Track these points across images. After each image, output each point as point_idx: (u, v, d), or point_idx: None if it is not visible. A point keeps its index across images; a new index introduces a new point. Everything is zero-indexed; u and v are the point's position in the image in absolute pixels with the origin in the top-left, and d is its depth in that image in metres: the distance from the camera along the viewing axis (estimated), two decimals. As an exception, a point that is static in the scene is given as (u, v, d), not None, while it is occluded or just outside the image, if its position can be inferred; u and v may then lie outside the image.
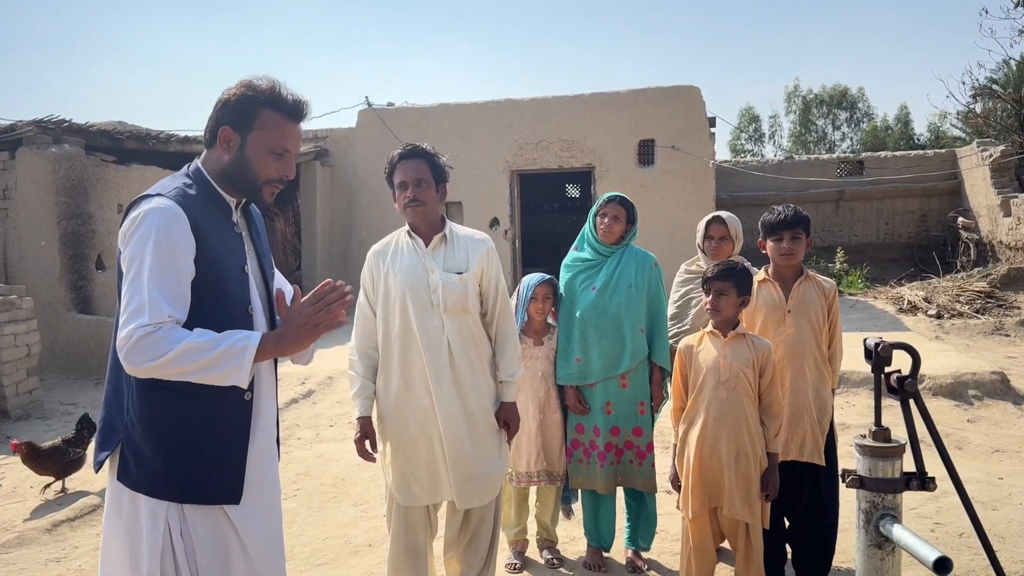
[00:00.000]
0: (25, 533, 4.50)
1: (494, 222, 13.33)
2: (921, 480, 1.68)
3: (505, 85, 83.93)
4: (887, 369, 1.74)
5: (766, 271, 3.57)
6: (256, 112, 2.09)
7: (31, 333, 7.26)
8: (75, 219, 8.96)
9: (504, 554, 3.95)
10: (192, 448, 2.01)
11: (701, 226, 4.00)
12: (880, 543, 1.67)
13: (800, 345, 3.40)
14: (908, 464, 1.85)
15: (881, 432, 1.71)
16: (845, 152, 30.72)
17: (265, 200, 2.19)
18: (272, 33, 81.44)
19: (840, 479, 1.76)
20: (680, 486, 3.32)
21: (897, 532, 1.61)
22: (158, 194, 2.00)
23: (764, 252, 3.58)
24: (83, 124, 9.28)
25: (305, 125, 2.25)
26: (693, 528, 3.28)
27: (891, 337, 7.70)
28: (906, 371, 1.90)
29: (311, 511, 4.88)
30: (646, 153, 13.11)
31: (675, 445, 3.39)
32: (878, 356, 1.68)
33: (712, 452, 3.18)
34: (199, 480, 2.02)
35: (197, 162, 2.16)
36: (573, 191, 20.70)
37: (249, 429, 2.10)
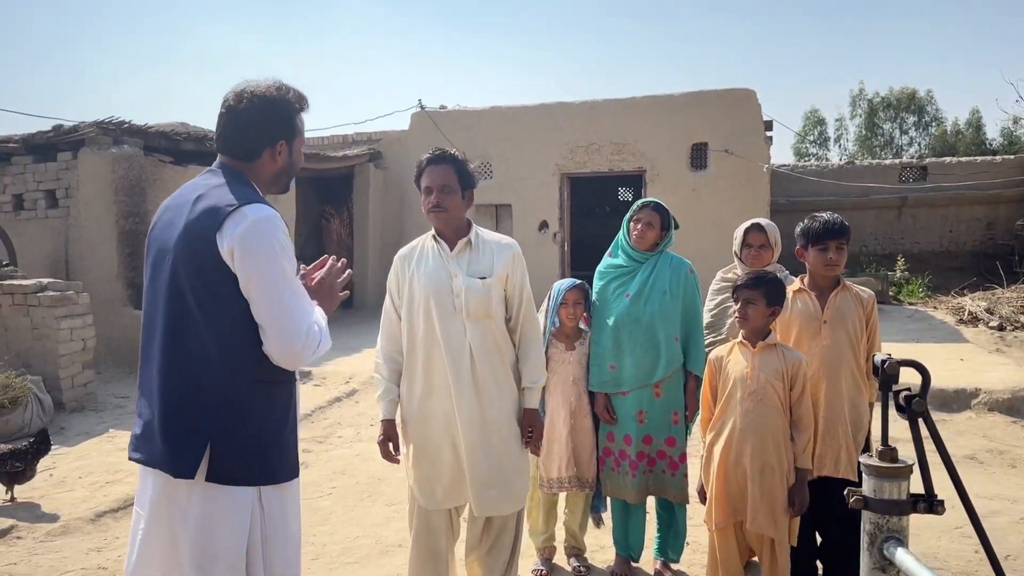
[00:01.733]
0: (70, 523, 4.65)
1: (543, 225, 13.32)
2: (929, 503, 1.61)
3: (556, 88, 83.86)
4: (896, 387, 1.67)
5: (802, 280, 3.47)
6: (295, 120, 2.26)
7: (87, 328, 7.49)
8: (133, 218, 9.23)
9: (531, 560, 3.93)
10: (280, 431, 2.16)
11: (739, 233, 3.92)
12: (884, 567, 1.61)
13: (836, 357, 3.30)
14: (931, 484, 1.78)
15: (888, 452, 1.64)
16: (912, 157, 29.88)
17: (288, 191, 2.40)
18: (328, 36, 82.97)
19: (845, 498, 1.69)
20: (707, 497, 3.27)
21: (900, 556, 1.54)
22: (256, 201, 2.09)
23: (802, 261, 3.48)
24: (142, 125, 9.55)
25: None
26: (719, 541, 3.22)
27: (949, 350, 7.48)
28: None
29: (345, 509, 4.93)
30: (699, 157, 12.94)
31: (703, 455, 3.34)
32: (884, 374, 1.61)
33: (736, 464, 3.12)
34: (284, 459, 2.17)
35: (244, 175, 2.22)
36: (625, 194, 20.55)
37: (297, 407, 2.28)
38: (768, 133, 13.36)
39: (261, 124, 2.18)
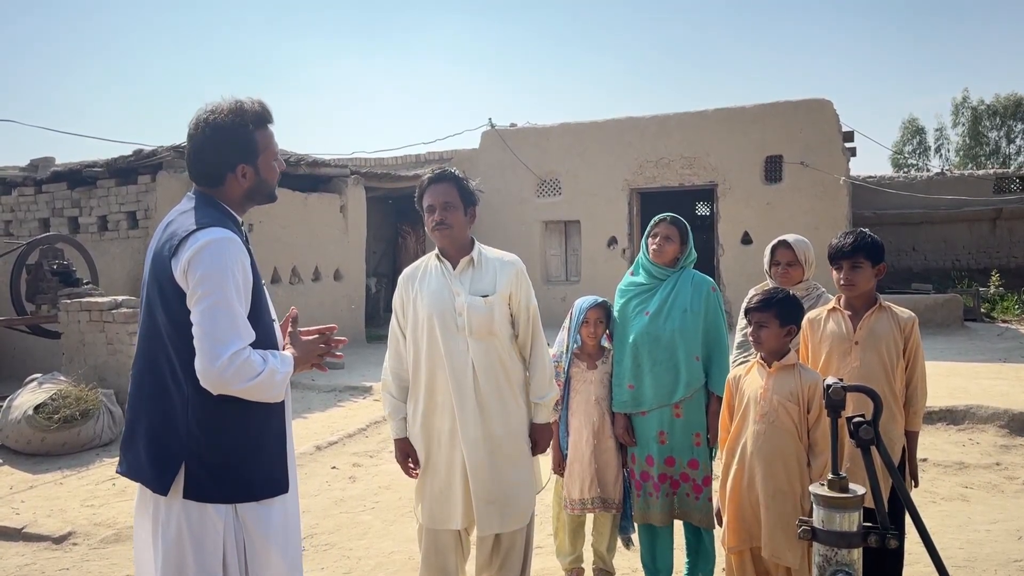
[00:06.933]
0: (122, 531, 4.84)
1: (612, 241, 13.21)
2: (881, 535, 1.51)
3: (626, 103, 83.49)
4: (850, 413, 1.58)
5: (838, 300, 3.34)
6: (253, 140, 2.24)
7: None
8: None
9: (557, 581, 3.89)
10: (256, 448, 2.18)
11: (767, 251, 3.81)
12: (828, 603, 1.52)
13: (865, 379, 3.13)
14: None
15: (837, 481, 1.55)
16: (1021, 167, 28.39)
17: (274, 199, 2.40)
18: (401, 56, 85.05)
19: (797, 526, 1.61)
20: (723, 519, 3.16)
21: (843, 594, 1.46)
22: (213, 225, 2.13)
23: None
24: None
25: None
26: (735, 563, 3.12)
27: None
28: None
29: (384, 524, 4.98)
30: (773, 169, 12.61)
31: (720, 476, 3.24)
32: (829, 399, 1.53)
33: (749, 488, 3.02)
34: (262, 476, 2.19)
35: (214, 198, 2.27)
36: (703, 208, 20.15)
37: (286, 425, 2.31)
38: (849, 144, 12.91)
39: (218, 152, 2.21)
